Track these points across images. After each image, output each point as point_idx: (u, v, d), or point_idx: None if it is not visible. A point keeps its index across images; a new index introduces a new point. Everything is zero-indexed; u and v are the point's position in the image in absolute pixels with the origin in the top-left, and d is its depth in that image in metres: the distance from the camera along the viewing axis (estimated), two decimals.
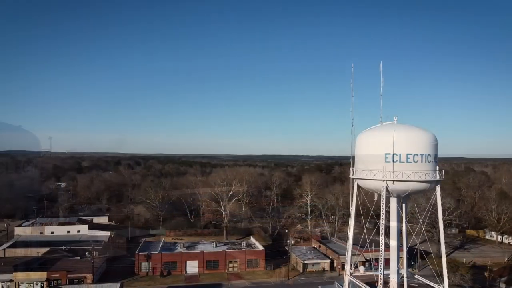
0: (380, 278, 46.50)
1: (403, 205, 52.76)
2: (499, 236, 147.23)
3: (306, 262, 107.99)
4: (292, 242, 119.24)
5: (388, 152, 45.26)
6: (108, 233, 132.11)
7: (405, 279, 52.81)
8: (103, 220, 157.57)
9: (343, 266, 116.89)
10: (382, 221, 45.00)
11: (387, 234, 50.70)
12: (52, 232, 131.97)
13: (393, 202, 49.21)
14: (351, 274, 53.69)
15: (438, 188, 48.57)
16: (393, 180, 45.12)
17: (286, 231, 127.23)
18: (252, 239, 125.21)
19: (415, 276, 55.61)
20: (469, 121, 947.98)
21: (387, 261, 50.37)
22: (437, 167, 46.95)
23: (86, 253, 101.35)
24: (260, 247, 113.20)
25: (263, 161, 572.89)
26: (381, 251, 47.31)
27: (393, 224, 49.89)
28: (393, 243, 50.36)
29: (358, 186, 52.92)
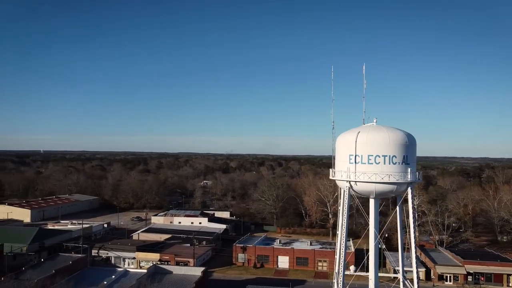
0: (340, 281, 46.12)
1: (397, 207, 50.67)
2: None
3: (397, 268, 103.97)
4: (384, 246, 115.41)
5: (351, 154, 45.24)
6: (223, 226, 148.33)
7: (400, 283, 50.33)
8: (225, 214, 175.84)
9: (439, 277, 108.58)
10: (345, 222, 44.76)
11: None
12: (179, 222, 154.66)
13: (371, 203, 48.22)
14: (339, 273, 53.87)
15: (409, 190, 45.89)
16: (356, 181, 44.85)
17: (386, 235, 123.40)
18: (351, 242, 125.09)
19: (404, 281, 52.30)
20: None
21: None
22: (409, 169, 44.48)
23: (197, 241, 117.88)
24: (352, 249, 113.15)
25: None
26: (341, 251, 47.54)
27: (372, 225, 48.58)
28: (372, 244, 49.00)
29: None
